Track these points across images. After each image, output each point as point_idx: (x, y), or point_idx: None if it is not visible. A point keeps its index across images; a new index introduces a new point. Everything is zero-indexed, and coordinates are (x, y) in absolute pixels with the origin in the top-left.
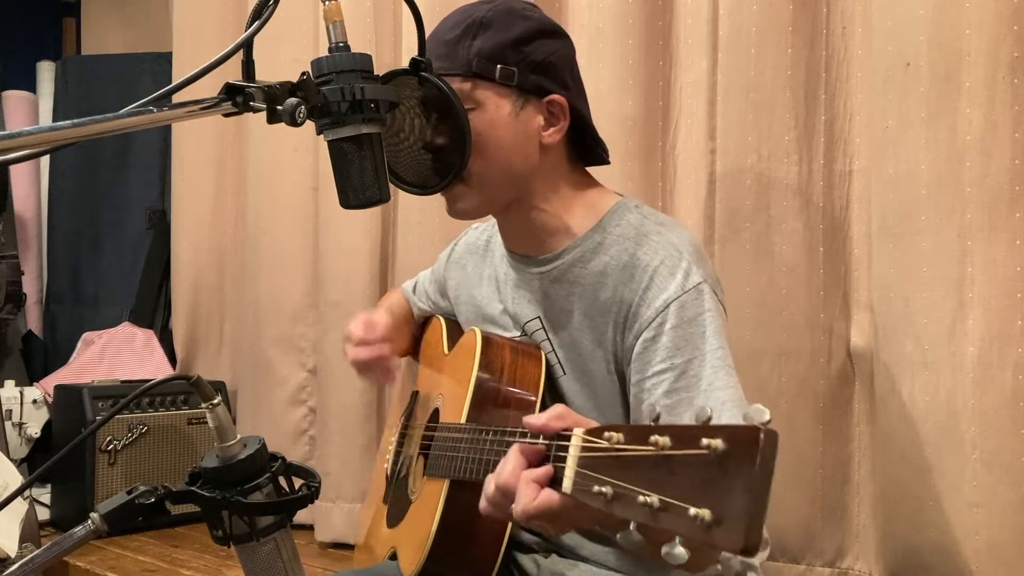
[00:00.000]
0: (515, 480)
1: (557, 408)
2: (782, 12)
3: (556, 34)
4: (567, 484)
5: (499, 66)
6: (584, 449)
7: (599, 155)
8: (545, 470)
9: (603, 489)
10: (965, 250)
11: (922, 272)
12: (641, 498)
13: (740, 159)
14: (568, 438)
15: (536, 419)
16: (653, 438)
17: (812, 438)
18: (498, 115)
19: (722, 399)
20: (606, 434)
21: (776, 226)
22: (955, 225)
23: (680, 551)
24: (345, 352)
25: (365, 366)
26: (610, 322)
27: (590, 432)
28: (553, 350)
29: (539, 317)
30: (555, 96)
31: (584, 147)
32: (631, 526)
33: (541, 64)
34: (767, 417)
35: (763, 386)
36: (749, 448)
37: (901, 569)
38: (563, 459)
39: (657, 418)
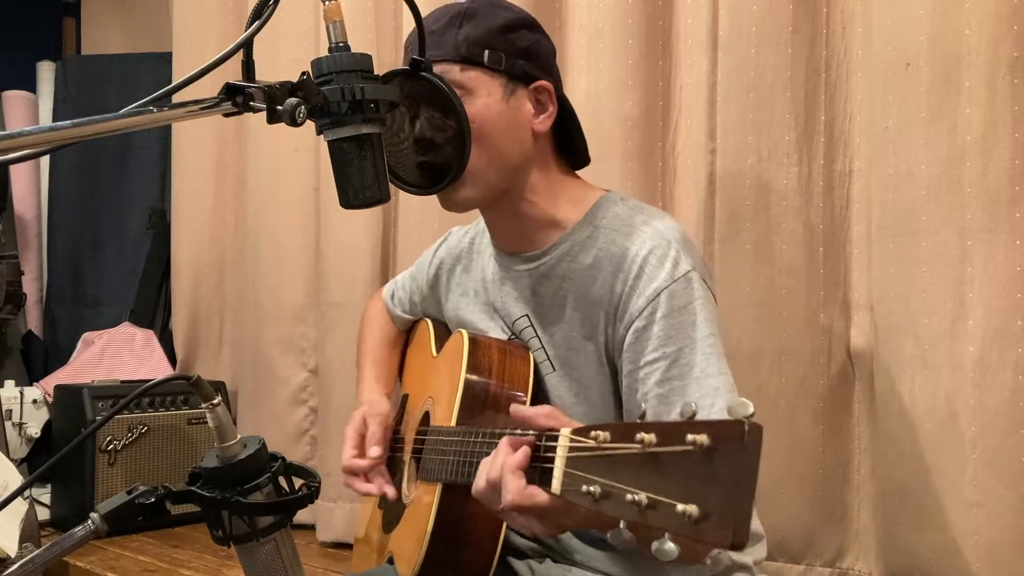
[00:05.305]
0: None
1: (546, 408)
2: (782, 12)
3: (536, 27)
4: (556, 485)
5: (487, 51)
6: (572, 449)
7: (580, 153)
8: (525, 453)
9: (591, 488)
10: (965, 250)
11: (922, 272)
12: (629, 496)
13: (740, 159)
14: (556, 437)
15: (524, 410)
16: (639, 436)
17: (812, 438)
18: (490, 100)
19: (715, 386)
20: (592, 433)
21: (776, 226)
22: (955, 225)
23: (670, 547)
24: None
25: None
26: (601, 313)
27: (577, 432)
28: (542, 347)
29: (527, 315)
30: (542, 82)
31: (567, 142)
32: (621, 524)
33: (527, 51)
34: (751, 410)
35: (763, 386)
36: (734, 443)
37: (901, 569)
38: (551, 459)
39: (643, 415)
